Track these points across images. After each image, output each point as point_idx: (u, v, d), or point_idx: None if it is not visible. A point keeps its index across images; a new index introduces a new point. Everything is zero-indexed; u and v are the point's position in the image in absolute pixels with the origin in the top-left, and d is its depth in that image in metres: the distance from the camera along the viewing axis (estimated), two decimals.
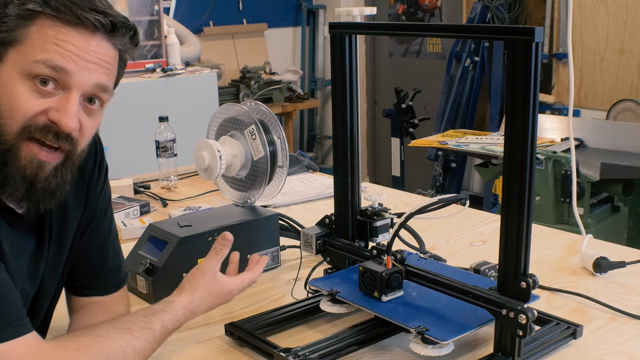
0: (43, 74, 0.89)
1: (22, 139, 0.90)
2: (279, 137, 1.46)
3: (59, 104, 0.91)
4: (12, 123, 0.90)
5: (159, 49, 3.67)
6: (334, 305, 1.21)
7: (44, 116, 0.91)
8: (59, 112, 0.91)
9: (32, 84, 0.90)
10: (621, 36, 3.97)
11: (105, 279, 1.16)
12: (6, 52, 0.90)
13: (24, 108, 0.90)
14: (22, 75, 0.90)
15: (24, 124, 0.90)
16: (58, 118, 0.91)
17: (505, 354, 1.06)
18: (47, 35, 0.90)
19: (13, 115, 0.90)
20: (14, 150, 0.90)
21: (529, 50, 0.96)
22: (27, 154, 0.91)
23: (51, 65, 0.89)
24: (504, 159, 1.03)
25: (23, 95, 0.90)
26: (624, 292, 1.36)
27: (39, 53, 0.89)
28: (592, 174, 2.93)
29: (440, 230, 1.72)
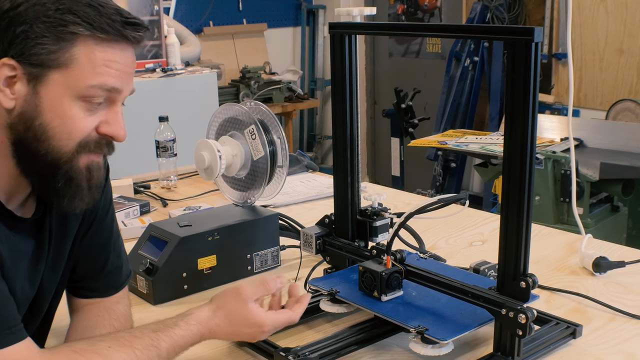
0: (100, 97, 0.93)
1: (79, 155, 0.95)
2: (278, 137, 1.46)
3: (108, 117, 0.96)
4: (69, 143, 0.93)
5: (159, 49, 3.68)
6: (334, 305, 1.21)
7: (94, 131, 0.95)
8: (111, 126, 0.96)
9: (84, 105, 0.93)
10: (620, 36, 3.97)
11: (107, 280, 1.15)
12: (47, 74, 0.90)
13: (82, 128, 0.93)
14: (74, 97, 0.92)
15: (80, 143, 0.94)
16: (113, 132, 0.96)
17: (504, 353, 1.06)
18: (96, 59, 0.92)
19: (70, 137, 0.93)
20: (75, 165, 0.95)
21: (528, 50, 0.96)
22: (86, 164, 0.96)
23: (107, 89, 0.93)
24: (504, 159, 1.03)
25: (78, 117, 0.93)
26: (624, 291, 1.36)
27: (93, 77, 0.92)
28: (591, 173, 2.93)
29: (440, 230, 1.72)
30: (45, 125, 0.91)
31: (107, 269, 1.15)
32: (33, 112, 0.91)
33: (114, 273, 1.16)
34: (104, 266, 1.14)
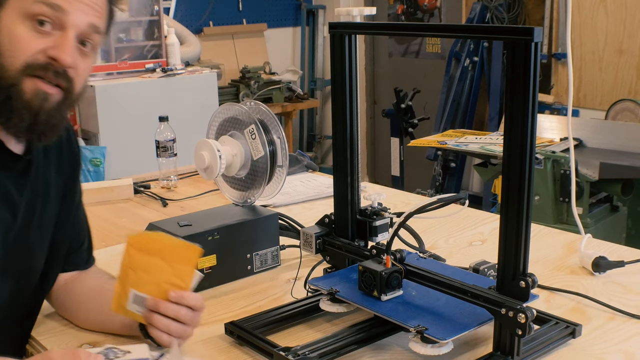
0: (41, 13, 0.97)
1: (24, 76, 0.98)
2: (278, 136, 1.46)
3: (56, 42, 0.99)
4: (14, 61, 0.97)
5: (159, 49, 3.68)
6: (334, 305, 1.22)
7: (43, 54, 0.98)
8: (57, 48, 0.98)
9: (31, 25, 0.97)
10: (620, 36, 3.97)
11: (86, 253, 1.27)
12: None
13: (25, 47, 0.97)
14: (21, 16, 0.97)
15: (25, 62, 0.98)
16: (56, 54, 0.98)
17: (504, 353, 1.06)
18: None
19: (15, 54, 0.97)
20: (18, 85, 0.98)
21: (528, 50, 0.97)
22: (31, 88, 0.99)
23: (49, 3, 0.97)
24: (503, 159, 1.03)
25: (23, 35, 0.97)
26: (623, 291, 1.36)
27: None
28: (591, 173, 2.93)
29: (440, 230, 1.72)
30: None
31: (85, 245, 1.27)
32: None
33: (88, 249, 1.29)
34: (82, 243, 1.25)
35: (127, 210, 2.01)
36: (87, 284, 1.26)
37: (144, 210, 1.99)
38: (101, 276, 1.29)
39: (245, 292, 1.41)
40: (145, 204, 2.05)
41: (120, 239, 1.70)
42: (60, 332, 1.25)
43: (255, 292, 1.41)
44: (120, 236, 1.73)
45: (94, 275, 1.29)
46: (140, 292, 1.08)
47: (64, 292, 1.25)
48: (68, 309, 1.26)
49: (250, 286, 1.44)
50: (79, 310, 1.24)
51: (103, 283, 1.25)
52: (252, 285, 1.44)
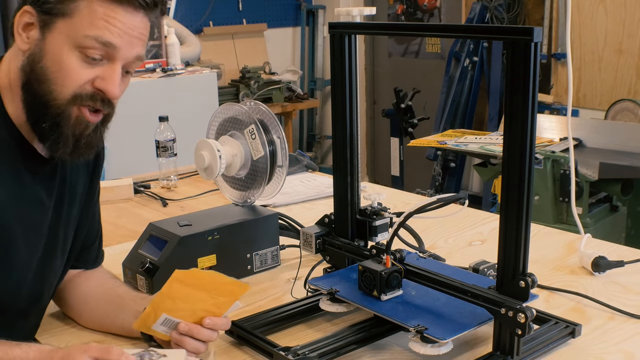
0: (93, 48, 0.99)
1: (71, 105, 1.01)
2: (278, 136, 1.46)
3: (104, 73, 1.02)
4: (64, 90, 1.00)
5: (159, 49, 3.68)
6: (334, 304, 1.22)
7: (90, 85, 1.02)
8: (106, 81, 1.02)
9: (81, 55, 1.00)
10: (619, 36, 3.98)
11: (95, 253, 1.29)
12: (54, 22, 0.99)
13: (75, 77, 1.00)
14: (72, 46, 0.99)
15: (74, 92, 1.01)
16: (105, 87, 1.02)
17: (504, 352, 1.07)
18: (96, 12, 0.98)
19: (64, 83, 1.00)
20: (66, 113, 1.01)
21: (527, 50, 0.97)
22: (77, 116, 1.03)
23: (101, 42, 0.99)
24: (503, 159, 1.03)
25: (74, 66, 1.00)
26: (623, 291, 1.37)
27: (90, 29, 0.98)
28: (590, 173, 2.93)
29: (439, 230, 1.72)
30: (45, 69, 1.00)
31: (95, 244, 1.27)
32: (38, 56, 1.00)
33: (98, 247, 1.30)
34: (94, 240, 1.27)
35: (127, 210, 2.01)
36: (92, 283, 1.27)
37: (144, 210, 1.99)
38: (107, 277, 1.30)
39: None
40: (145, 203, 2.05)
41: (120, 238, 1.70)
42: (60, 332, 1.25)
43: (255, 291, 1.41)
44: (120, 236, 1.73)
45: (100, 275, 1.30)
46: (173, 317, 1.09)
47: (68, 290, 1.26)
48: (72, 307, 1.27)
49: (250, 286, 1.44)
50: (83, 310, 1.25)
51: (108, 283, 1.27)
52: (252, 285, 1.44)
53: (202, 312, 1.09)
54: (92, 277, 1.28)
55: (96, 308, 1.23)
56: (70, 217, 1.16)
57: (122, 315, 1.19)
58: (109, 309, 1.21)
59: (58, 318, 1.30)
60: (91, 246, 1.28)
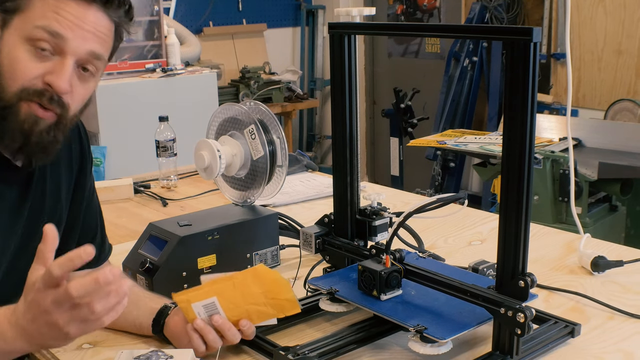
0: (42, 39, 0.98)
1: (20, 99, 1.00)
2: (278, 136, 1.47)
3: (54, 67, 1.00)
4: (12, 83, 0.99)
5: (159, 49, 3.68)
6: (333, 304, 1.22)
7: (40, 80, 1.00)
8: (54, 75, 1.00)
9: (31, 49, 0.99)
10: (619, 36, 3.98)
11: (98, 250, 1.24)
12: (11, 19, 0.99)
13: (24, 70, 0.99)
14: (23, 39, 0.99)
15: (22, 85, 0.99)
16: (52, 80, 1.00)
17: (503, 352, 1.07)
18: (48, 4, 0.99)
19: (13, 77, 0.99)
20: (13, 107, 1.00)
21: (527, 50, 0.97)
22: (24, 111, 1.01)
23: (49, 31, 0.98)
24: (503, 159, 1.04)
25: (23, 59, 0.99)
26: (622, 291, 1.37)
27: (39, 19, 0.98)
28: (590, 173, 2.93)
29: (439, 230, 1.72)
30: (1, 66, 0.99)
31: (96, 240, 1.26)
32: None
33: (100, 244, 1.29)
34: (94, 237, 1.25)
35: (127, 210, 2.01)
36: None
37: (144, 210, 1.99)
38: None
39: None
40: (146, 203, 2.06)
41: (120, 238, 1.70)
42: None
43: None
44: (120, 236, 1.73)
45: None
46: (220, 305, 1.09)
47: None
48: None
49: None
50: None
51: None
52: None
53: (243, 313, 1.10)
54: None
55: None
56: (55, 217, 1.15)
57: (136, 312, 1.19)
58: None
59: None
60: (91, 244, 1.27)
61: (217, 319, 1.09)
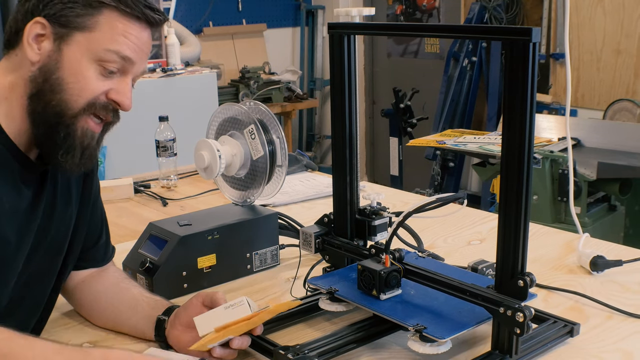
0: (113, 62, 1.03)
1: (84, 113, 1.04)
2: (278, 136, 1.47)
3: (118, 86, 1.05)
4: (79, 100, 1.03)
5: (159, 49, 3.68)
6: (333, 304, 1.22)
7: (104, 95, 1.05)
8: (120, 94, 1.06)
9: (99, 68, 1.03)
10: (618, 36, 3.98)
11: (101, 250, 1.29)
12: (72, 35, 1.01)
13: (93, 88, 1.03)
14: (92, 59, 1.02)
15: (89, 102, 1.03)
16: (120, 99, 1.06)
17: (502, 351, 1.07)
18: (116, 27, 1.02)
19: (81, 94, 1.02)
20: (75, 123, 1.04)
21: (526, 50, 0.97)
22: (83, 126, 1.05)
23: (122, 56, 1.03)
24: (502, 159, 1.04)
25: (92, 78, 1.03)
26: (621, 290, 1.37)
27: (111, 43, 1.02)
28: (589, 173, 2.94)
29: (438, 229, 1.73)
30: (61, 79, 1.01)
31: (102, 240, 1.28)
32: (53, 67, 1.01)
33: (105, 244, 1.30)
34: (99, 237, 1.28)
35: (127, 209, 2.01)
36: (106, 282, 1.27)
37: (144, 210, 2.00)
38: (121, 276, 1.30)
39: (244, 291, 1.42)
40: (146, 203, 2.06)
41: (120, 238, 1.70)
42: (62, 331, 1.26)
43: (255, 291, 1.42)
44: (121, 235, 1.73)
45: (114, 275, 1.30)
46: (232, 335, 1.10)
47: (80, 290, 1.27)
48: (84, 307, 1.28)
49: (250, 285, 1.45)
50: (93, 309, 1.26)
51: (123, 283, 1.27)
52: (252, 284, 1.45)
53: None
54: (105, 276, 1.29)
55: (108, 306, 1.24)
56: (65, 215, 1.16)
57: (135, 318, 1.20)
58: (122, 309, 1.22)
59: (58, 317, 1.30)
60: (96, 244, 1.28)
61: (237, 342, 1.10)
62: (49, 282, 1.18)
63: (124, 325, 1.22)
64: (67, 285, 1.26)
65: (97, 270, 1.29)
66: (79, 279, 1.27)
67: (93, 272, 1.28)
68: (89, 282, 1.27)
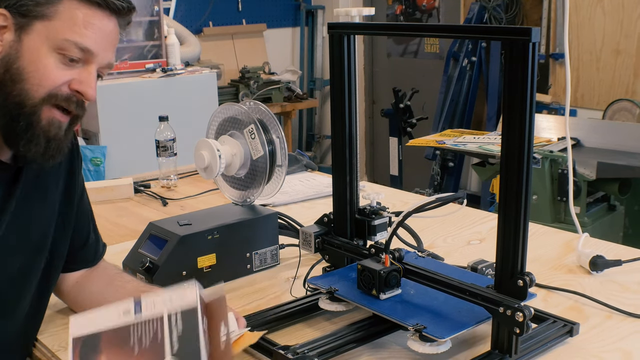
0: (72, 53, 1.01)
1: (45, 105, 1.02)
2: (277, 136, 1.47)
3: (81, 76, 1.03)
4: (39, 89, 1.01)
5: (159, 49, 3.68)
6: (333, 303, 1.22)
7: (66, 86, 1.03)
8: (83, 84, 1.03)
9: (60, 57, 1.01)
10: (617, 37, 3.98)
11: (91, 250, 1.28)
12: (32, 24, 1.00)
13: (53, 78, 1.01)
14: (51, 49, 1.00)
15: (50, 92, 1.01)
16: (83, 89, 1.03)
17: (502, 351, 1.07)
18: (76, 17, 1.01)
19: (41, 83, 1.01)
20: (37, 113, 1.02)
21: (526, 50, 0.97)
22: (48, 116, 1.03)
23: (80, 47, 1.01)
24: (501, 158, 1.04)
25: (52, 67, 1.01)
26: (620, 290, 1.37)
27: (70, 33, 1.00)
28: (588, 173, 2.94)
29: (438, 229, 1.73)
30: (21, 69, 1.00)
31: (91, 239, 1.28)
32: (14, 57, 1.00)
33: (95, 243, 1.29)
34: (88, 236, 1.26)
35: (127, 209, 2.01)
36: (98, 282, 1.27)
37: (144, 210, 2.00)
38: (112, 272, 1.30)
39: (244, 290, 1.42)
40: (146, 203, 2.06)
41: (120, 238, 1.71)
42: (61, 331, 1.26)
43: (255, 290, 1.42)
44: (121, 235, 1.74)
45: (105, 272, 1.29)
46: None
47: (76, 292, 1.27)
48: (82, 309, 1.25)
49: (250, 285, 1.45)
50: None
51: (116, 281, 1.27)
52: (252, 284, 1.45)
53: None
54: (98, 275, 1.28)
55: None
56: (42, 216, 1.15)
57: None
58: None
59: (57, 318, 1.30)
60: (85, 244, 1.27)
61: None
62: (32, 282, 1.16)
63: None
64: (61, 288, 1.26)
65: (89, 270, 1.29)
66: (72, 280, 1.27)
67: (85, 273, 1.28)
68: (83, 283, 1.27)
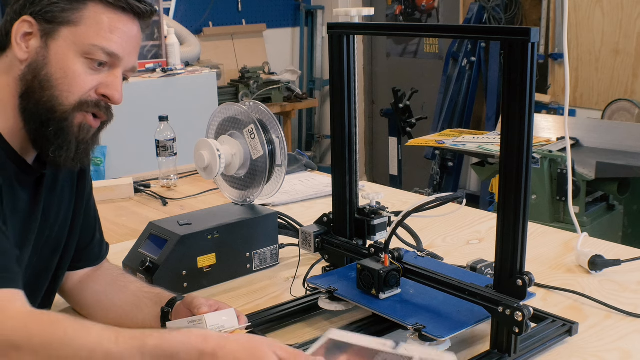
0: (99, 58, 1.02)
1: (78, 111, 1.03)
2: (277, 136, 1.47)
3: (108, 80, 1.05)
4: (69, 96, 1.02)
5: (159, 49, 3.68)
6: (332, 303, 1.23)
7: (94, 92, 1.04)
8: (110, 88, 1.05)
9: (87, 62, 1.02)
10: (616, 37, 3.99)
11: (96, 250, 1.28)
12: (57, 30, 1.01)
13: (82, 84, 1.02)
14: (78, 54, 1.01)
15: (80, 99, 1.03)
16: (110, 93, 1.05)
17: (501, 351, 1.07)
18: (102, 22, 1.02)
19: (70, 90, 1.02)
20: (69, 119, 1.03)
21: (525, 50, 0.98)
22: (79, 122, 1.04)
23: (107, 52, 1.02)
24: (501, 158, 1.04)
25: (80, 72, 1.02)
26: (619, 289, 1.38)
27: (96, 38, 1.02)
28: (587, 172, 2.94)
29: (437, 229, 1.73)
30: (50, 75, 1.01)
31: (96, 238, 1.27)
32: (41, 63, 1.01)
33: (100, 242, 1.30)
34: (94, 235, 1.27)
35: (127, 209, 2.01)
36: (101, 281, 1.27)
37: (144, 209, 2.00)
38: (116, 272, 1.30)
39: (244, 290, 1.42)
40: (146, 203, 2.06)
41: (120, 237, 1.71)
42: None
43: (255, 290, 1.42)
44: (121, 235, 1.74)
45: (106, 272, 1.30)
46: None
47: (79, 291, 1.27)
48: (85, 308, 1.28)
49: (250, 284, 1.45)
50: (96, 310, 1.25)
51: (120, 281, 1.27)
52: (251, 283, 1.46)
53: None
54: (101, 274, 1.28)
55: (111, 306, 1.24)
56: (59, 217, 1.16)
57: (141, 316, 1.20)
58: (126, 309, 1.22)
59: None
60: (91, 242, 1.28)
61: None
62: (46, 281, 1.18)
63: (132, 325, 1.21)
64: (64, 286, 1.26)
65: (93, 269, 1.29)
66: (76, 279, 1.27)
67: (89, 272, 1.28)
68: (86, 282, 1.27)
